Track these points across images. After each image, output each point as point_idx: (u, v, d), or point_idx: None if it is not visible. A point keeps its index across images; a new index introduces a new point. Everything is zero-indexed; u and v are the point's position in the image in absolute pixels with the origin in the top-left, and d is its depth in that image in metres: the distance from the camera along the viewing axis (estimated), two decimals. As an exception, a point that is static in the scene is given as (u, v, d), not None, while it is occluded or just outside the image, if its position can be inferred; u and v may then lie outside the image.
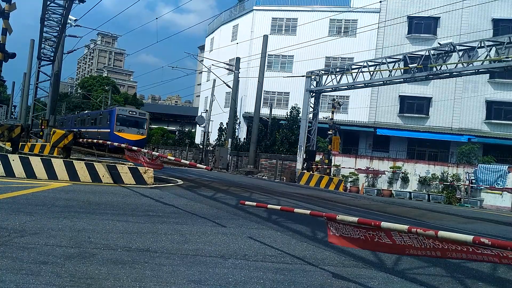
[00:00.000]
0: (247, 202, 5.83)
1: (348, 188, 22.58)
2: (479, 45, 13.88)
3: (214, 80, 38.31)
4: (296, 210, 4.87)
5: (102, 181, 9.90)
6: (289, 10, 40.79)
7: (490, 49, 13.88)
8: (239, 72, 31.41)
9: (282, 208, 5.50)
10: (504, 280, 4.36)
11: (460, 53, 14.56)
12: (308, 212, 4.77)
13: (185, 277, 3.66)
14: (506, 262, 2.66)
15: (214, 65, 35.61)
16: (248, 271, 4.04)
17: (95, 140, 11.87)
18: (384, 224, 3.42)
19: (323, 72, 19.86)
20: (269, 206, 5.54)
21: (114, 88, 78.80)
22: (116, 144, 11.89)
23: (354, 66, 18.75)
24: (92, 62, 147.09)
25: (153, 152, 9.07)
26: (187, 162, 7.94)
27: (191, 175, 14.69)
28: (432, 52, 15.45)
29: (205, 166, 7.61)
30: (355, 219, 3.71)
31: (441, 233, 3.19)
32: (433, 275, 4.42)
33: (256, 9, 41.58)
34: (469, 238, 2.96)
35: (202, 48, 58.45)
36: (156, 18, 35.91)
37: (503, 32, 30.90)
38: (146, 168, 10.60)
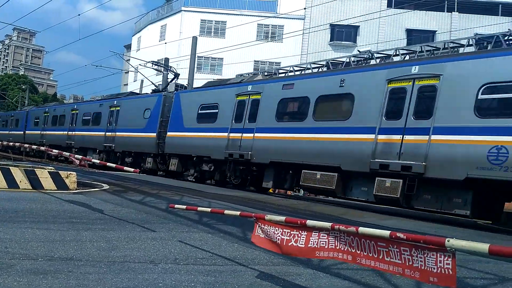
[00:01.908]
0: (177, 206, 5.80)
1: (277, 190, 23.07)
2: (395, 53, 14.92)
3: (142, 81, 37.27)
4: (226, 211, 4.94)
5: (20, 187, 9.24)
6: (218, 13, 40.94)
7: (404, 57, 14.99)
8: (168, 73, 30.85)
9: (212, 210, 5.54)
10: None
11: (378, 60, 15.57)
12: (238, 213, 4.86)
13: (112, 285, 3.56)
14: (408, 274, 2.79)
15: (141, 65, 34.62)
16: (179, 275, 4.03)
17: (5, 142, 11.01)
18: (309, 222, 3.61)
19: (251, 75, 20.19)
20: (199, 208, 5.55)
21: (32, 87, 73.48)
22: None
23: (281, 71, 19.28)
24: (7, 59, 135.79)
25: (76, 156, 8.65)
26: (114, 165, 7.68)
27: (117, 179, 14.18)
28: (352, 58, 16.34)
29: (132, 169, 7.41)
30: (282, 218, 3.86)
31: (361, 229, 3.43)
32: (355, 269, 4.70)
33: (184, 10, 41.20)
34: (386, 233, 3.22)
35: (128, 47, 56.55)
36: (79, 15, 34.08)
37: (415, 42, 33.53)
38: (68, 172, 10.06)
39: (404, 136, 10.57)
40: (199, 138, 17.09)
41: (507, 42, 11.99)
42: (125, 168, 7.43)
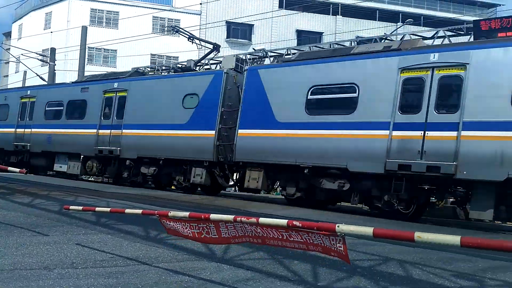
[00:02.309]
0: (72, 207, 5.45)
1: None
2: (287, 53, 15.69)
3: (25, 72, 33.76)
4: (127, 210, 4.79)
5: None
6: (110, 2, 38.80)
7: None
8: (55, 64, 28.44)
9: (112, 210, 5.33)
10: (314, 256, 5.14)
11: (271, 59, 16.22)
12: (140, 211, 4.77)
13: (2, 296, 3.27)
14: (313, 249, 3.13)
15: (24, 54, 31.35)
16: (77, 280, 3.83)
17: None
18: (212, 216, 3.69)
19: (148, 69, 19.59)
20: (97, 209, 5.31)
21: None
22: None
23: (178, 65, 19.05)
24: None
25: None
26: (-6, 166, 6.91)
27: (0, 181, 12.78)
28: (248, 56, 16.79)
29: (18, 170, 6.77)
30: (186, 213, 3.89)
31: (262, 219, 3.62)
32: (257, 259, 4.92)
33: (72, -3, 38.29)
34: (284, 222, 3.45)
35: (8, 35, 50.75)
36: None
37: (304, 42, 35.54)
38: None
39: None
40: None
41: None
42: (10, 168, 6.74)
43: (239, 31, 39.25)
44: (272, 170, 11.83)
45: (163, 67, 19.37)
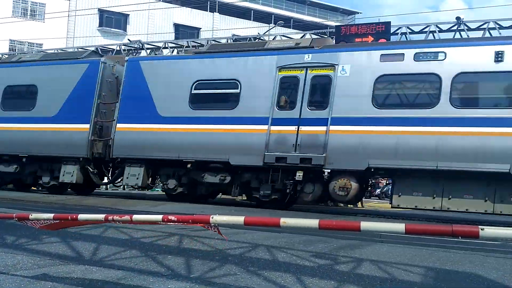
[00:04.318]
0: None
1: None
2: (164, 46, 15.46)
3: None
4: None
5: None
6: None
7: (173, 51, 15.68)
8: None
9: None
10: (188, 249, 5.22)
11: (148, 51, 15.81)
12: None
13: None
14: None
15: None
16: None
17: None
18: (81, 216, 3.54)
19: (6, 56, 17.50)
20: None
21: None
22: None
23: (42, 53, 17.41)
24: None
25: None
26: None
27: None
28: (123, 47, 16.12)
29: None
30: (50, 215, 3.65)
31: (135, 216, 3.59)
32: (129, 258, 4.81)
33: None
34: (159, 217, 3.47)
35: None
36: None
37: (182, 36, 35.29)
38: None
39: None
40: None
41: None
42: None
43: (113, 20, 37.25)
44: (153, 165, 11.75)
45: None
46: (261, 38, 14.63)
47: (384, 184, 26.70)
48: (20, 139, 12.72)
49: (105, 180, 13.68)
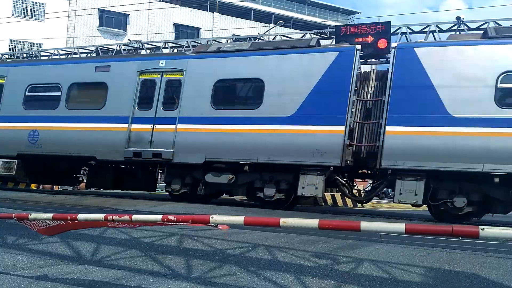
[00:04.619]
0: None
1: (41, 185, 20.83)
2: (164, 46, 15.45)
3: None
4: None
5: None
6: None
7: (173, 50, 15.67)
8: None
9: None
10: (188, 249, 5.22)
11: (148, 51, 15.81)
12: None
13: None
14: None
15: None
16: None
17: None
18: (80, 216, 3.54)
19: (6, 56, 17.50)
20: None
21: None
22: None
23: (43, 53, 17.38)
24: None
25: None
26: None
27: None
28: (123, 47, 16.11)
29: None
30: (49, 215, 3.65)
31: (135, 216, 3.58)
32: (129, 258, 4.81)
33: None
34: (159, 217, 3.47)
35: None
36: None
37: (182, 36, 35.29)
38: None
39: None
40: None
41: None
42: None
43: (113, 20, 37.22)
44: (436, 178, 9.67)
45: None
46: (261, 38, 14.62)
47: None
48: (243, 143, 10.69)
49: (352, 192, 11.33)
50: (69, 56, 16.13)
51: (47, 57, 16.27)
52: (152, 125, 11.45)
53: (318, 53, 10.89)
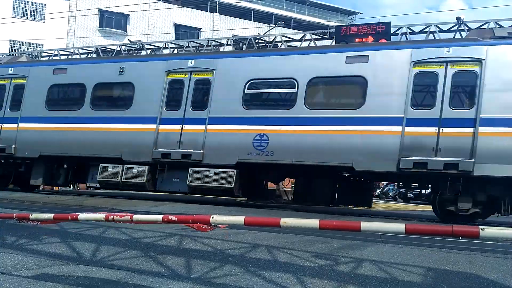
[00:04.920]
0: None
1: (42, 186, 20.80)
2: (164, 46, 15.44)
3: None
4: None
5: None
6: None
7: (173, 51, 15.67)
8: None
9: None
10: (188, 249, 5.21)
11: (149, 51, 15.80)
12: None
13: None
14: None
15: None
16: None
17: None
18: (81, 215, 3.54)
19: (6, 56, 17.51)
20: None
21: None
22: None
23: (44, 54, 17.39)
24: None
25: None
26: None
27: None
28: (123, 48, 16.10)
29: None
30: (50, 215, 3.66)
31: (136, 216, 3.59)
32: (129, 258, 4.81)
33: None
34: (159, 217, 3.47)
35: None
36: None
37: (183, 37, 35.30)
38: None
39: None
40: None
41: (258, 45, 14.03)
42: None
43: (113, 20, 37.21)
44: None
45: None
46: (262, 38, 14.61)
47: (384, 184, 26.64)
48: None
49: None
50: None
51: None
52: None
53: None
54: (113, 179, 11.52)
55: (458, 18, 11.96)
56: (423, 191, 20.42)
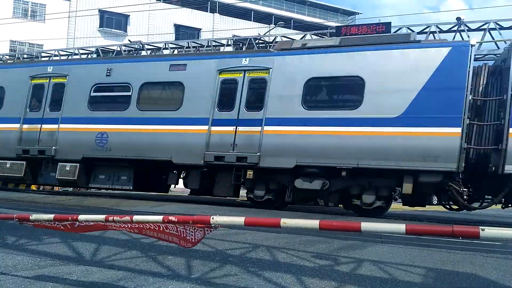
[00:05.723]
0: None
1: (42, 187, 20.82)
2: (164, 46, 15.48)
3: None
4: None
5: None
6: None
7: (173, 51, 15.69)
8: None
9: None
10: (188, 250, 5.20)
11: (149, 51, 15.82)
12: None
13: None
14: (184, 244, 3.33)
15: None
16: None
17: None
18: (81, 216, 3.54)
19: (7, 57, 17.53)
20: None
21: None
22: None
23: (44, 54, 17.41)
24: None
25: None
26: None
27: None
28: (123, 48, 16.12)
29: None
30: (51, 216, 3.65)
31: (136, 217, 3.58)
32: (129, 258, 4.82)
33: None
34: (160, 218, 3.46)
35: None
36: None
37: (183, 37, 35.30)
38: None
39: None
40: None
41: (258, 45, 14.04)
42: None
43: (113, 21, 37.22)
44: None
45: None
46: (262, 39, 14.61)
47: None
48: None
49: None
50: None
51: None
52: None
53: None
54: None
55: (458, 19, 11.98)
56: None
